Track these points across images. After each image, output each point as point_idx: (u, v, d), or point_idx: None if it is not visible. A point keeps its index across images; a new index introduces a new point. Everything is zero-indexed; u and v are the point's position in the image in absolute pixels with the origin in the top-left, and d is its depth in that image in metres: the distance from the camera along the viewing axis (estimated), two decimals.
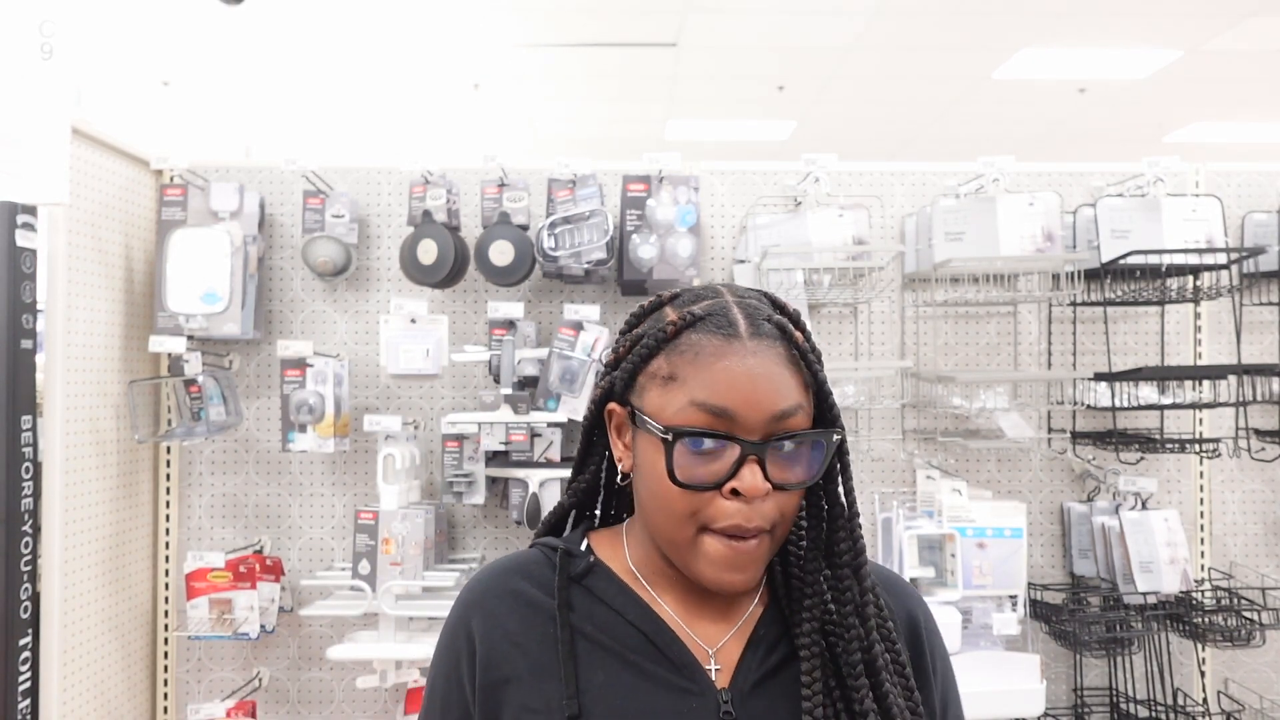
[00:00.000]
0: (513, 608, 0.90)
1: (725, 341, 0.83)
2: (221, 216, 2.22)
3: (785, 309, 0.90)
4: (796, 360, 0.85)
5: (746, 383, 0.82)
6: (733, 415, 0.82)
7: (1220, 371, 2.24)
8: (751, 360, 0.83)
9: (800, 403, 0.83)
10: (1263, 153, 8.38)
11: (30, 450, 1.86)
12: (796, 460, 0.84)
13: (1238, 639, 2.18)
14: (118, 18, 5.29)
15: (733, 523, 0.82)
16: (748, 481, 0.81)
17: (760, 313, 0.86)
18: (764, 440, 0.82)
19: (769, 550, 0.85)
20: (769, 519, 0.83)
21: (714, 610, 0.90)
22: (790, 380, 0.83)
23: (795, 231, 2.30)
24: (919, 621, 0.96)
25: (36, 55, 1.94)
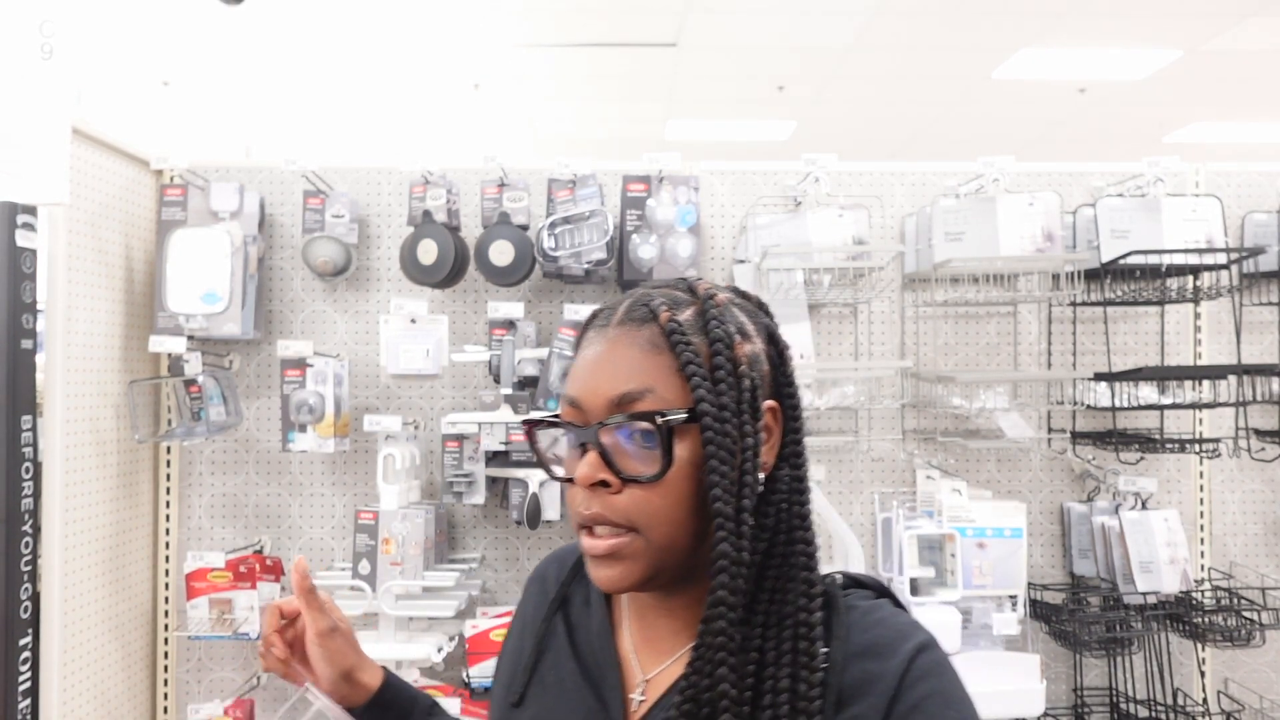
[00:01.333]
0: (538, 591, 0.97)
1: (595, 332, 0.82)
2: (221, 216, 2.22)
3: (695, 290, 0.84)
4: (661, 341, 0.79)
5: (590, 368, 0.80)
6: (579, 403, 0.79)
7: (1220, 371, 2.24)
8: (603, 346, 0.80)
9: (649, 387, 0.77)
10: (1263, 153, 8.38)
11: (30, 450, 1.86)
12: (643, 449, 0.77)
13: (1238, 639, 2.18)
14: (118, 18, 5.29)
15: (577, 514, 0.79)
16: (579, 470, 0.77)
17: (647, 300, 0.82)
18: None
19: (644, 553, 0.77)
20: (623, 514, 0.76)
21: (664, 636, 0.85)
22: (642, 363, 0.78)
23: (795, 231, 2.30)
24: (881, 694, 0.74)
25: (36, 55, 1.94)
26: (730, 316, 0.82)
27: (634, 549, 0.77)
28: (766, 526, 0.80)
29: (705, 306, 0.81)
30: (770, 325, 0.86)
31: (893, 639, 0.78)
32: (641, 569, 0.78)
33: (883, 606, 0.83)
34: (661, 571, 0.79)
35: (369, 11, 5.27)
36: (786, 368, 0.85)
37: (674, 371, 0.78)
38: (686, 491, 0.77)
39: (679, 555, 0.78)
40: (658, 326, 0.79)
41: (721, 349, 0.78)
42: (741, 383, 0.78)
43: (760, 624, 0.77)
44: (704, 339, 0.79)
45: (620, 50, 5.90)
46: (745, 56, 6.02)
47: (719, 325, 0.79)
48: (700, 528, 0.78)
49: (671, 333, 0.78)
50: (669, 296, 0.82)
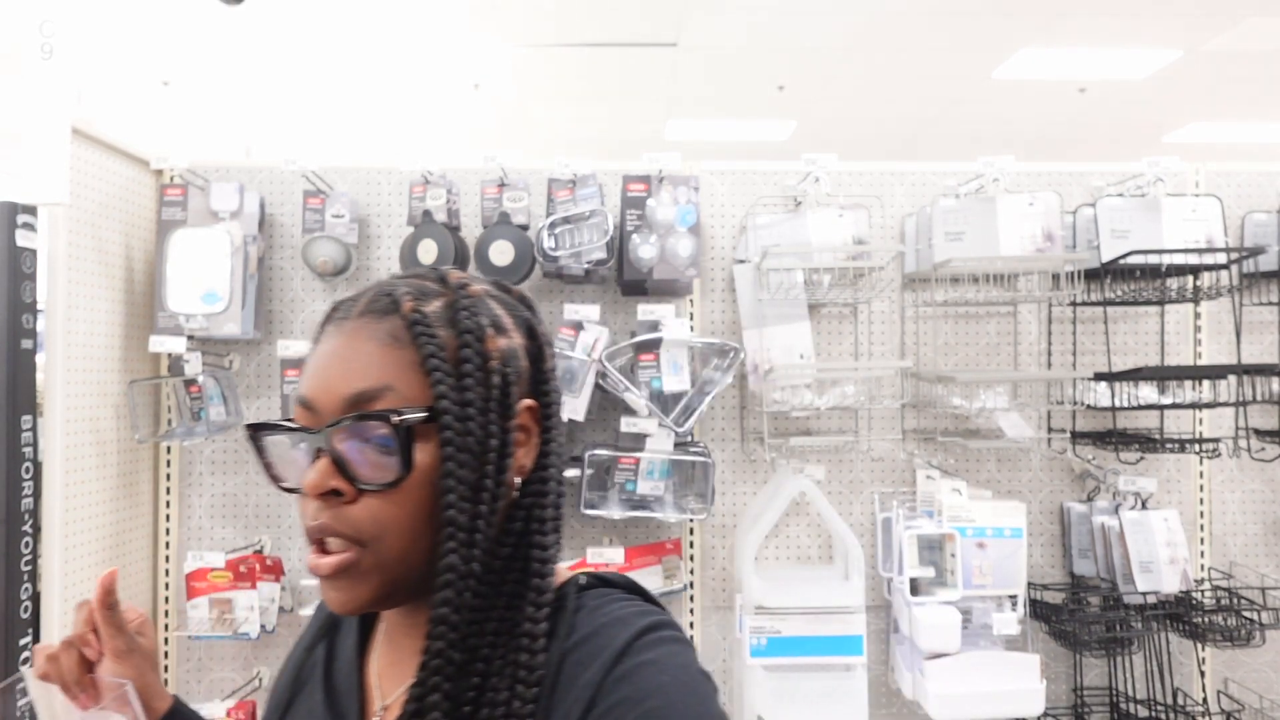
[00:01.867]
0: (316, 615, 0.90)
1: (333, 325, 0.75)
2: (221, 216, 2.22)
3: (446, 279, 0.77)
4: (403, 334, 0.72)
5: (324, 364, 0.72)
6: (311, 403, 0.72)
7: (1220, 371, 2.24)
8: (338, 341, 0.73)
9: (387, 384, 0.70)
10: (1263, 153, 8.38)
11: (30, 450, 1.86)
12: (381, 455, 0.69)
13: (1237, 639, 2.18)
14: (118, 18, 5.29)
15: (306, 527, 0.71)
16: (308, 478, 0.70)
17: (390, 290, 0.75)
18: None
19: (377, 570, 0.70)
20: (356, 527, 0.69)
21: (407, 657, 0.76)
22: (380, 358, 0.71)
23: (795, 231, 2.30)
24: (584, 694, 0.68)
25: (36, 55, 1.94)
26: (484, 309, 0.76)
27: (365, 566, 0.70)
28: (513, 531, 0.75)
29: (456, 297, 0.75)
30: (531, 320, 0.80)
31: (613, 627, 0.72)
32: (373, 588, 0.71)
33: (612, 601, 0.76)
34: (396, 590, 0.72)
35: (369, 11, 5.27)
36: (546, 364, 0.79)
37: (415, 367, 0.71)
38: (426, 499, 0.70)
39: (415, 570, 0.71)
40: (400, 318, 0.72)
41: (470, 342, 0.72)
42: (490, 379, 0.72)
43: (490, 635, 0.71)
44: (452, 332, 0.73)
45: (620, 50, 5.90)
46: (745, 56, 6.02)
47: (469, 317, 0.73)
48: (439, 539, 0.71)
49: (414, 324, 0.72)
50: (416, 286, 0.75)
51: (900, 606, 2.19)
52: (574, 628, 0.73)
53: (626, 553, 2.29)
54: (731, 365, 2.25)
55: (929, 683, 2.07)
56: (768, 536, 2.38)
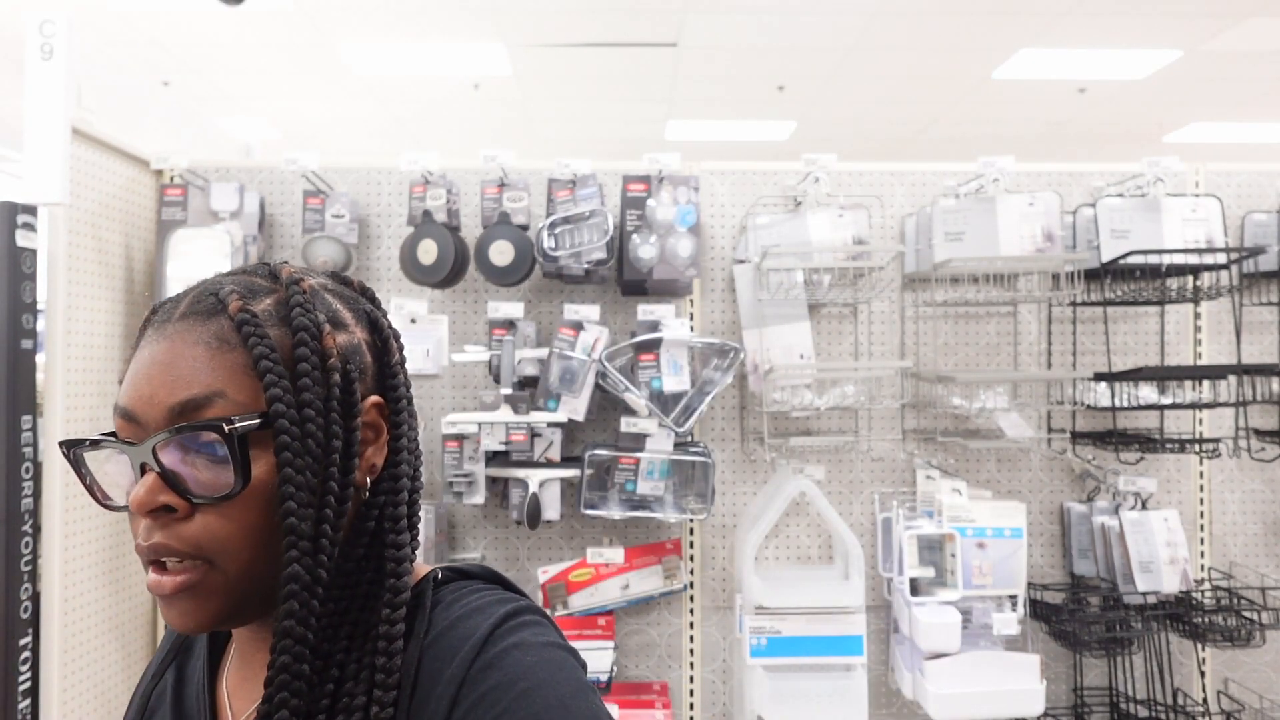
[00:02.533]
0: (164, 644, 0.85)
1: (154, 329, 0.69)
2: (222, 216, 2.22)
3: (278, 274, 0.74)
4: (228, 338, 0.67)
5: (145, 372, 0.67)
6: (133, 414, 0.67)
7: (1220, 371, 2.24)
8: (161, 345, 0.67)
9: (217, 390, 0.65)
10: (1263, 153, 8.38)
11: (30, 450, 1.86)
12: (213, 466, 0.65)
13: (1238, 639, 2.18)
14: (118, 18, 5.29)
15: (138, 546, 0.66)
16: (134, 495, 0.65)
17: (216, 289, 0.71)
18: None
19: (222, 588, 0.66)
20: (193, 544, 0.65)
21: (256, 673, 0.74)
22: (208, 363, 0.66)
23: (795, 231, 2.30)
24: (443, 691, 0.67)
25: (36, 55, 1.94)
26: (320, 304, 0.72)
27: (209, 584, 0.66)
28: (366, 531, 0.72)
29: (289, 294, 0.71)
30: (373, 313, 0.77)
31: (472, 618, 0.70)
32: (218, 606, 0.66)
33: (469, 592, 0.73)
34: (245, 605, 0.68)
35: (369, 11, 5.27)
36: (392, 358, 0.75)
37: (247, 370, 0.67)
38: (267, 510, 0.66)
39: (262, 583, 0.67)
40: (227, 318, 0.68)
41: (306, 339, 0.68)
42: (330, 378, 0.69)
43: (345, 639, 0.69)
44: (285, 330, 0.69)
45: (620, 50, 5.90)
46: (745, 56, 6.02)
47: (303, 314, 0.69)
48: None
49: (243, 324, 0.67)
50: (244, 284, 0.72)
51: (900, 606, 2.19)
52: (432, 623, 0.70)
53: (626, 553, 2.29)
54: (731, 365, 2.25)
55: (929, 683, 2.07)
56: (768, 536, 2.38)
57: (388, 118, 7.43)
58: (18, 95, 1.97)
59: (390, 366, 0.75)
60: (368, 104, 7.04)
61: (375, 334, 0.75)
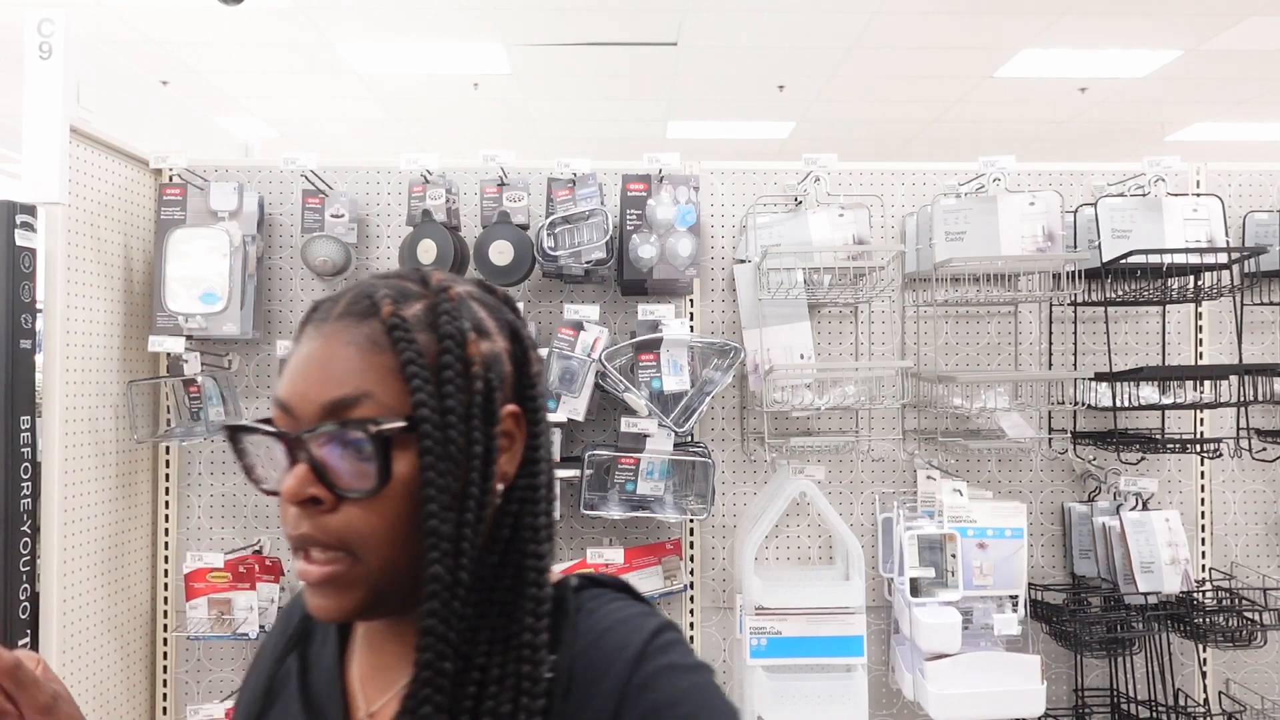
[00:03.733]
0: (280, 629, 0.88)
1: (313, 327, 0.73)
2: (221, 216, 2.22)
3: (428, 281, 0.75)
4: (379, 340, 0.69)
5: (302, 368, 0.70)
6: (290, 407, 0.70)
7: (1221, 371, 2.23)
8: (316, 344, 0.71)
9: (366, 391, 0.68)
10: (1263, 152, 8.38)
11: (29, 450, 1.86)
12: (359, 462, 0.68)
13: (1239, 639, 2.18)
14: (118, 18, 5.28)
15: (287, 534, 0.70)
16: (286, 484, 0.68)
17: (370, 292, 0.73)
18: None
19: (365, 580, 0.69)
20: (337, 536, 0.68)
21: (392, 667, 0.76)
22: (359, 364, 0.69)
23: (795, 231, 2.30)
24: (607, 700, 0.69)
25: (36, 55, 1.93)
26: (466, 312, 0.73)
27: (352, 575, 0.68)
28: (501, 539, 0.73)
29: (437, 300, 0.73)
30: (515, 322, 0.78)
31: (620, 631, 0.73)
32: (360, 597, 0.69)
33: (611, 602, 0.76)
34: (385, 599, 0.70)
35: (369, 11, 5.27)
36: (530, 368, 0.77)
37: (395, 373, 0.69)
38: (408, 509, 0.68)
39: (402, 579, 0.70)
40: (379, 322, 0.70)
41: (451, 347, 0.70)
42: (473, 385, 0.70)
43: (485, 644, 0.70)
44: (432, 336, 0.71)
45: (620, 50, 5.90)
46: (745, 56, 6.02)
47: (450, 321, 0.71)
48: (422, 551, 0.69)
49: (394, 328, 0.69)
50: (396, 288, 0.73)
51: (901, 607, 2.19)
52: (579, 632, 0.72)
53: (626, 553, 2.28)
54: (731, 365, 2.25)
55: (929, 683, 2.06)
56: (768, 537, 2.38)
57: (387, 117, 7.43)
58: (17, 95, 1.96)
59: (529, 376, 0.77)
60: (367, 104, 7.04)
61: (516, 343, 0.77)
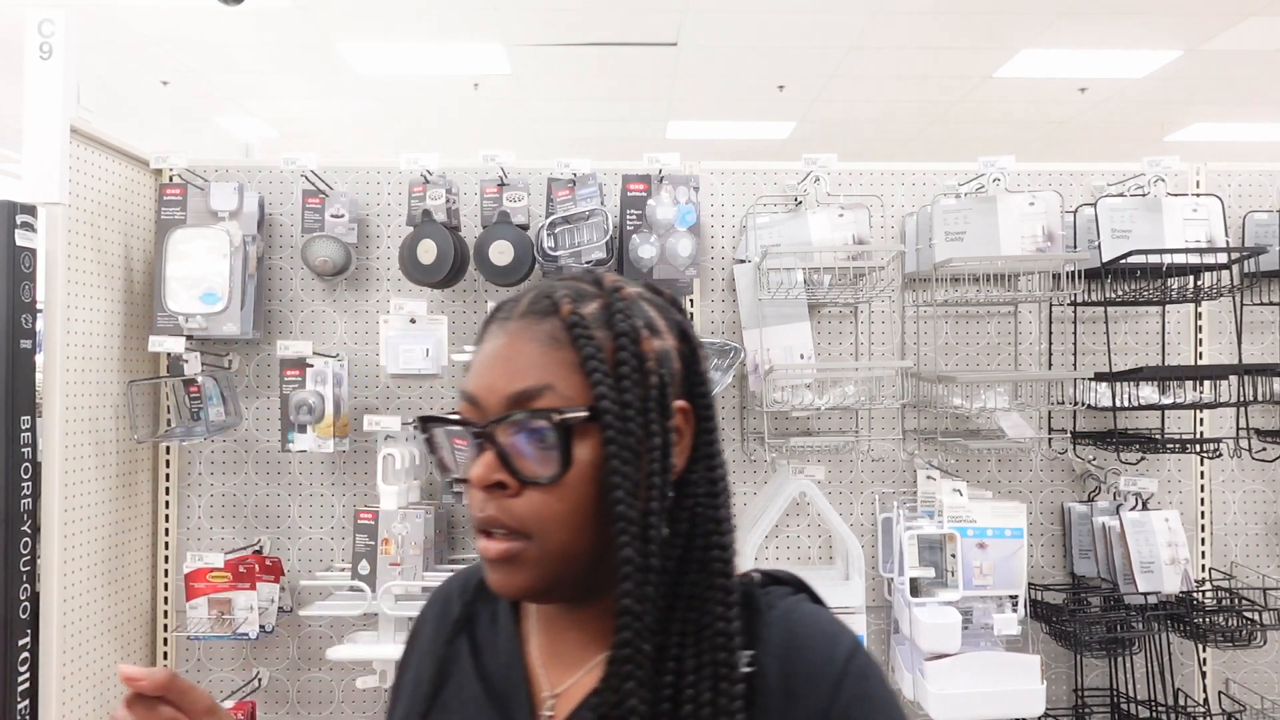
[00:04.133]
0: (439, 613, 0.91)
1: (497, 325, 0.78)
2: (221, 216, 2.22)
3: (601, 283, 0.79)
4: (562, 335, 0.74)
5: (489, 362, 0.75)
6: (476, 399, 0.75)
7: (1221, 371, 2.23)
8: (501, 341, 0.76)
9: (548, 383, 0.73)
10: (1263, 152, 8.38)
11: (29, 450, 1.86)
12: (540, 450, 0.72)
13: (1239, 639, 2.18)
14: (118, 18, 5.28)
15: (473, 515, 0.75)
16: (474, 470, 0.73)
17: (550, 292, 0.77)
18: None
19: (540, 560, 0.73)
20: (518, 518, 0.72)
21: (572, 649, 0.81)
22: (541, 358, 0.73)
23: (795, 231, 2.30)
24: (820, 697, 0.73)
25: (36, 55, 1.93)
26: (638, 311, 0.77)
27: (529, 555, 0.73)
28: (680, 533, 0.76)
29: (611, 300, 0.77)
30: (683, 322, 0.82)
31: (820, 641, 0.76)
32: (537, 576, 0.73)
33: (802, 604, 0.80)
34: (561, 581, 0.74)
35: (369, 11, 5.27)
36: (699, 365, 0.81)
37: (575, 367, 0.73)
38: (587, 496, 0.72)
39: (578, 564, 0.74)
40: (559, 320, 0.75)
41: (626, 344, 0.74)
42: (648, 379, 0.74)
43: (677, 635, 0.73)
44: (608, 333, 0.75)
45: (620, 50, 5.90)
46: (745, 56, 6.02)
47: (624, 319, 0.75)
48: (603, 535, 0.73)
49: (573, 325, 0.74)
50: (573, 289, 0.78)
51: (900, 607, 2.19)
52: (773, 630, 0.76)
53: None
54: (731, 365, 2.25)
55: (929, 683, 2.06)
56: (768, 537, 2.38)
57: (387, 118, 7.43)
58: (17, 95, 1.96)
59: (698, 373, 0.80)
60: (368, 104, 7.04)
61: (684, 341, 0.81)
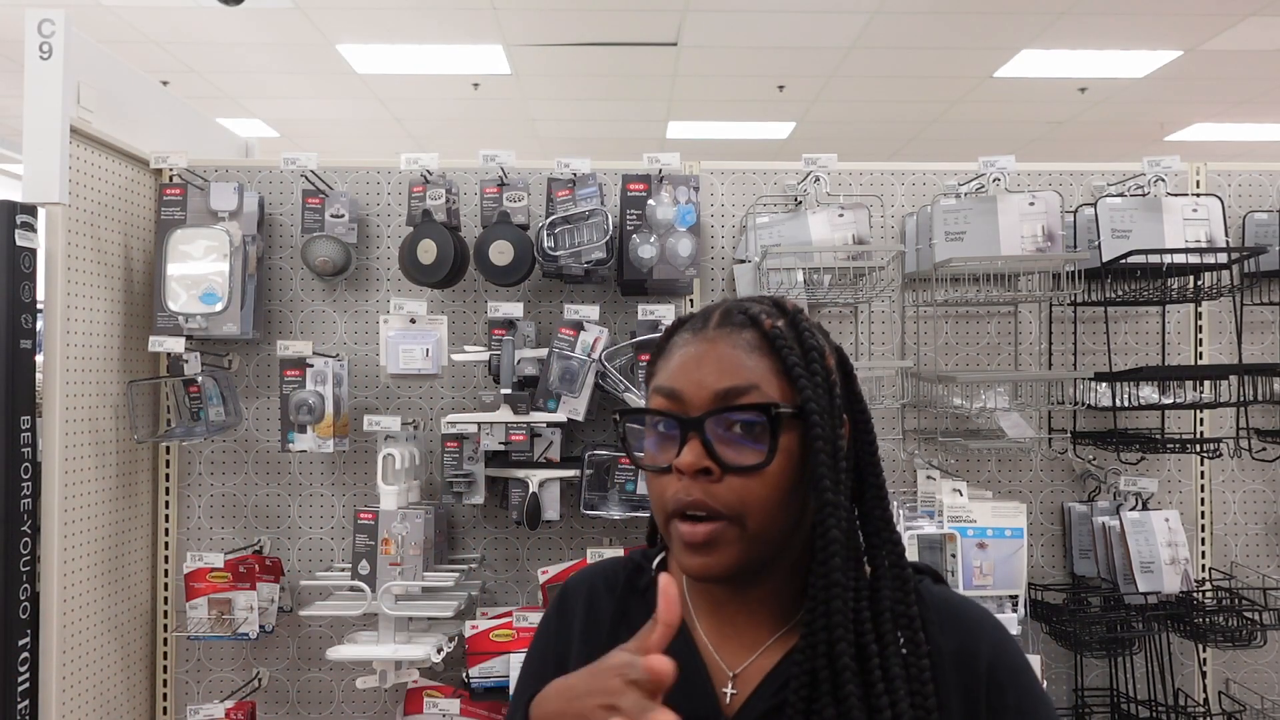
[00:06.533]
0: (586, 609, 0.98)
1: (692, 334, 0.87)
2: (221, 216, 2.22)
3: (783, 305, 0.90)
4: (761, 344, 0.84)
5: (694, 363, 0.84)
6: (679, 394, 0.83)
7: (1221, 371, 2.23)
8: (706, 345, 0.84)
9: (754, 383, 0.82)
10: (1263, 152, 8.38)
11: (29, 450, 1.86)
12: (745, 441, 0.81)
13: (1239, 639, 2.18)
14: (118, 18, 5.28)
15: (677, 500, 0.81)
16: (683, 457, 0.80)
17: (745, 309, 0.87)
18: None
19: (740, 540, 0.81)
20: (723, 502, 0.80)
21: (743, 631, 0.89)
22: (746, 361, 0.83)
23: (795, 231, 2.30)
24: (982, 663, 0.85)
25: (36, 55, 1.93)
26: (818, 332, 0.89)
27: (731, 536, 0.80)
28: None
29: (796, 320, 0.87)
30: (838, 347, 0.93)
31: (959, 607, 0.89)
32: (736, 556, 0.81)
33: (947, 590, 0.92)
34: (754, 560, 0.82)
35: (369, 11, 5.27)
36: (855, 385, 0.92)
37: (775, 373, 0.83)
38: (784, 484, 0.81)
39: (772, 545, 0.83)
40: (758, 331, 0.85)
41: (816, 358, 0.84)
42: (834, 390, 0.85)
43: (868, 616, 0.82)
44: (800, 348, 0.85)
45: (620, 50, 5.90)
46: (745, 56, 6.02)
47: (812, 337, 0.86)
48: (792, 521, 0.83)
49: (776, 338, 0.84)
50: (765, 308, 0.88)
51: None
52: (940, 614, 0.87)
53: (626, 553, 2.28)
54: None
55: None
56: None
57: (387, 117, 7.43)
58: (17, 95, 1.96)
59: (855, 393, 0.92)
60: (368, 104, 7.04)
61: (841, 363, 0.91)
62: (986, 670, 0.84)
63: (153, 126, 2.48)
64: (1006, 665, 0.86)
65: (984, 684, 0.84)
